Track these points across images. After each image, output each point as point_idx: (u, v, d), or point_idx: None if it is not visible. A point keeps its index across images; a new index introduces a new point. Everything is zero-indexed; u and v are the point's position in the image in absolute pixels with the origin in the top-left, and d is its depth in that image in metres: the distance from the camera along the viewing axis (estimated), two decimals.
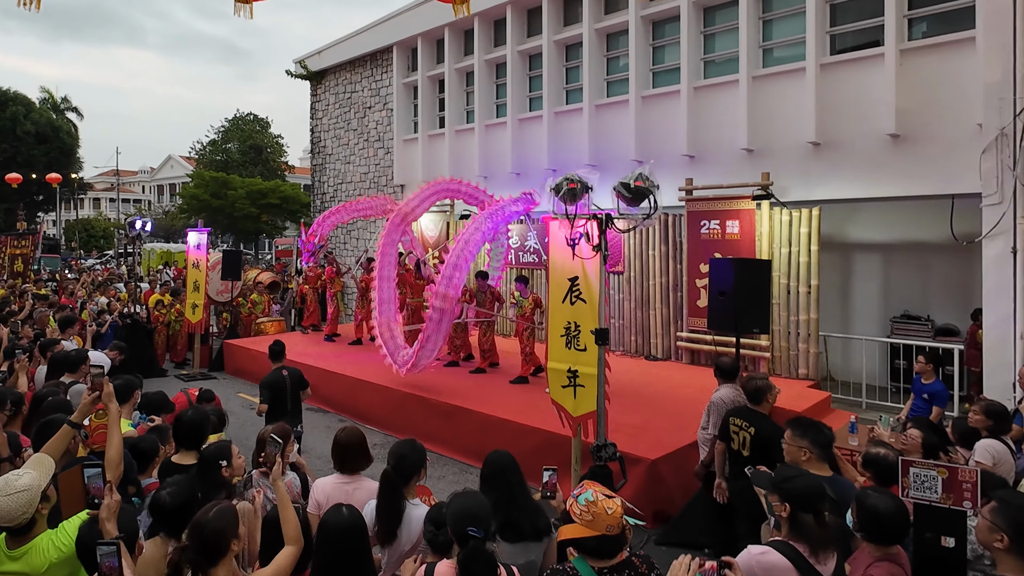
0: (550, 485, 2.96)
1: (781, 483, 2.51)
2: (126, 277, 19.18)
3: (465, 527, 2.30)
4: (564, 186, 4.35)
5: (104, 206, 59.53)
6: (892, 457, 3.11)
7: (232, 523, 2.30)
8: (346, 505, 2.62)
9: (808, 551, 2.34)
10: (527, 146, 12.45)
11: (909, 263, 9.54)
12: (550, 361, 5.44)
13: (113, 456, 2.90)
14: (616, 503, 2.20)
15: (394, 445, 3.14)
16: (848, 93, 8.40)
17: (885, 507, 2.48)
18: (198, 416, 3.42)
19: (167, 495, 2.48)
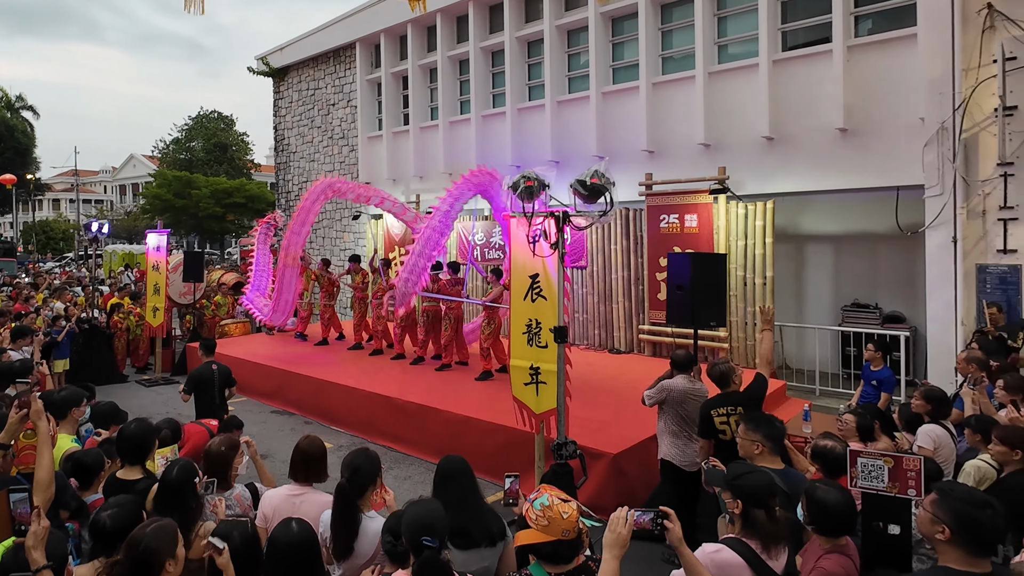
0: (512, 492, 2.92)
1: (733, 480, 2.53)
2: (87, 280, 18.73)
3: (419, 537, 2.27)
4: (521, 184, 4.35)
5: (64, 207, 57.87)
6: (840, 449, 3.17)
7: (170, 542, 2.21)
8: (295, 519, 2.54)
9: (760, 547, 2.37)
10: (491, 142, 12.49)
11: (858, 253, 9.83)
12: (512, 359, 5.45)
13: (43, 478, 2.73)
14: (571, 507, 2.18)
15: (347, 456, 3.06)
16: (799, 88, 8.62)
17: (833, 500, 2.53)
18: (142, 429, 3.27)
19: (108, 517, 2.37)
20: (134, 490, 3.05)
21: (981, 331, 6.36)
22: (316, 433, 8.06)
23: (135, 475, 3.18)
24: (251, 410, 9.39)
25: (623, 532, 2.09)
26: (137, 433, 3.24)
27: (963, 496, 2.19)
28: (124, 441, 3.22)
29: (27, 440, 3.01)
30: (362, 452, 3.05)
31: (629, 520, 2.10)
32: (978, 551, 2.10)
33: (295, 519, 2.52)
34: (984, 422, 3.84)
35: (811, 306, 10.13)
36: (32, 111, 37.52)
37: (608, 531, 2.11)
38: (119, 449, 3.26)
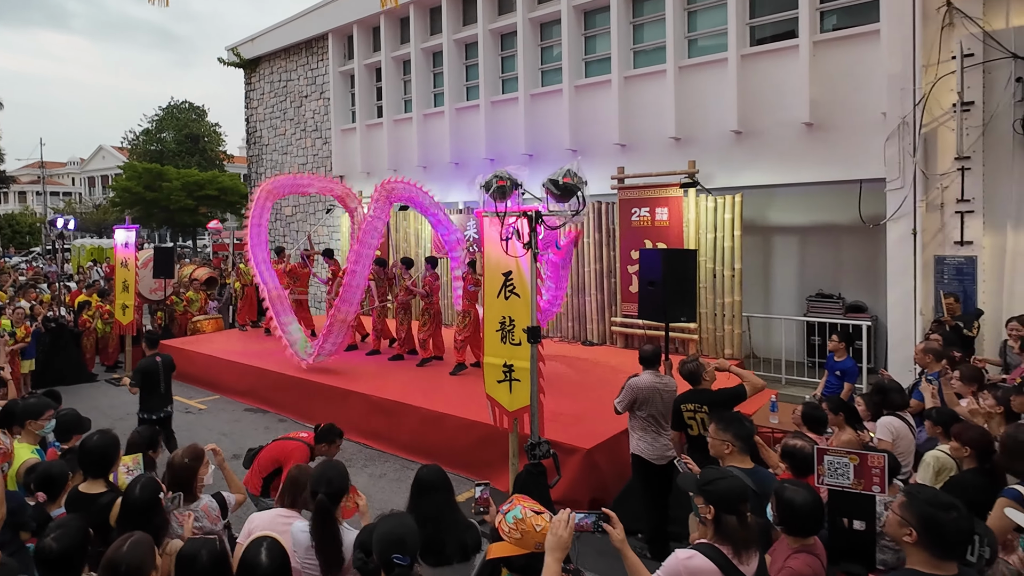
0: (483, 501, 2.85)
1: (705, 485, 2.50)
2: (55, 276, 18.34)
3: (390, 553, 2.21)
4: (493, 183, 4.33)
5: (31, 200, 56.38)
6: (808, 448, 3.24)
7: (149, 555, 2.16)
8: (265, 539, 2.43)
9: (732, 552, 2.36)
10: (465, 135, 12.46)
11: (822, 244, 10.03)
12: (486, 356, 5.47)
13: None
14: (545, 519, 2.13)
15: (317, 468, 2.97)
16: (767, 83, 8.75)
17: (802, 500, 2.56)
18: (105, 441, 3.15)
19: (53, 541, 2.23)
20: (97, 504, 2.97)
21: (939, 321, 6.56)
22: (291, 431, 8.12)
23: (98, 488, 3.10)
24: (224, 408, 9.33)
25: (564, 535, 2.07)
26: (100, 446, 3.14)
27: (929, 499, 2.21)
28: (86, 454, 3.13)
29: None
30: (332, 464, 2.99)
31: (570, 523, 2.08)
32: (944, 553, 2.15)
33: (265, 539, 2.44)
34: (945, 415, 3.94)
35: (777, 296, 10.33)
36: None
37: (550, 534, 2.09)
38: (81, 462, 3.16)
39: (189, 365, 10.81)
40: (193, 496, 3.14)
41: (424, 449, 6.95)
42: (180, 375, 10.91)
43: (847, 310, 9.26)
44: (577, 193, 4.22)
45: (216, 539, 2.40)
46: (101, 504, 2.99)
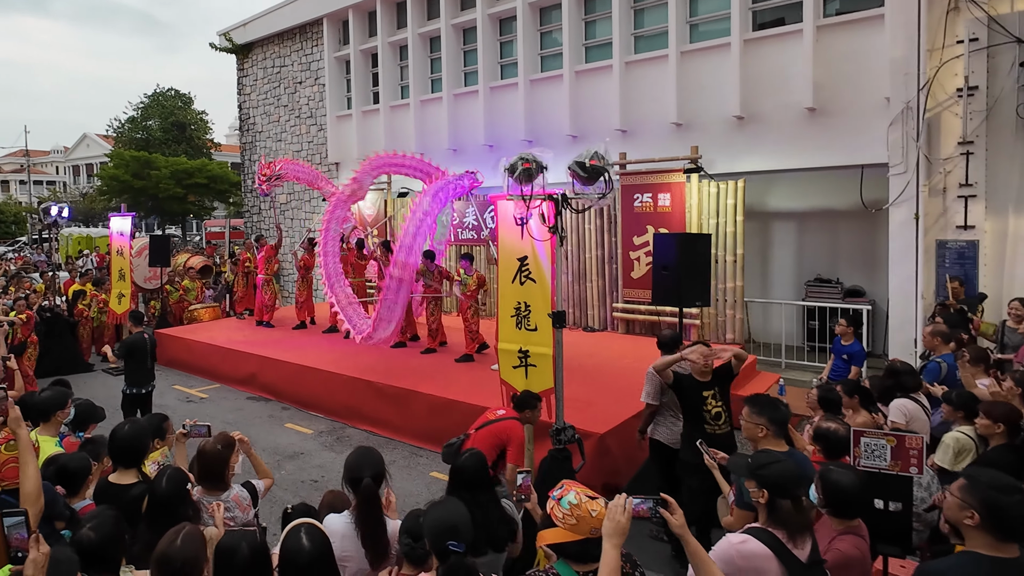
0: (524, 488, 2.80)
1: (758, 470, 2.46)
2: (45, 265, 18.09)
3: (445, 541, 2.19)
4: (519, 166, 4.26)
5: (14, 189, 55.41)
6: (843, 431, 3.24)
7: (202, 548, 2.12)
8: (303, 524, 2.35)
9: (786, 537, 2.33)
10: (463, 122, 12.37)
11: (820, 230, 10.11)
12: (500, 342, 5.43)
13: (30, 490, 2.54)
14: (600, 504, 2.11)
15: (359, 456, 2.88)
16: (769, 68, 8.75)
17: (849, 482, 2.56)
18: (136, 431, 3.08)
19: (91, 530, 2.19)
20: (128, 495, 2.91)
21: (943, 304, 6.63)
22: (294, 419, 8.11)
23: (129, 479, 3.02)
24: (226, 397, 9.27)
25: (622, 520, 2.04)
26: (131, 435, 3.06)
27: (991, 482, 2.19)
28: (117, 444, 3.05)
29: (8, 452, 2.79)
30: (368, 450, 2.92)
31: (628, 508, 2.05)
32: (1006, 536, 2.14)
33: (303, 525, 2.37)
34: (964, 398, 3.98)
35: (776, 282, 10.40)
36: None
37: (607, 520, 2.06)
38: (111, 452, 3.08)
39: (187, 354, 10.74)
40: (225, 485, 3.09)
41: (433, 436, 6.94)
42: (179, 363, 10.91)
43: (845, 295, 9.35)
44: (604, 175, 4.16)
45: (255, 531, 2.35)
46: (133, 496, 2.93)
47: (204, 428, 3.51)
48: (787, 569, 2.30)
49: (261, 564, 2.22)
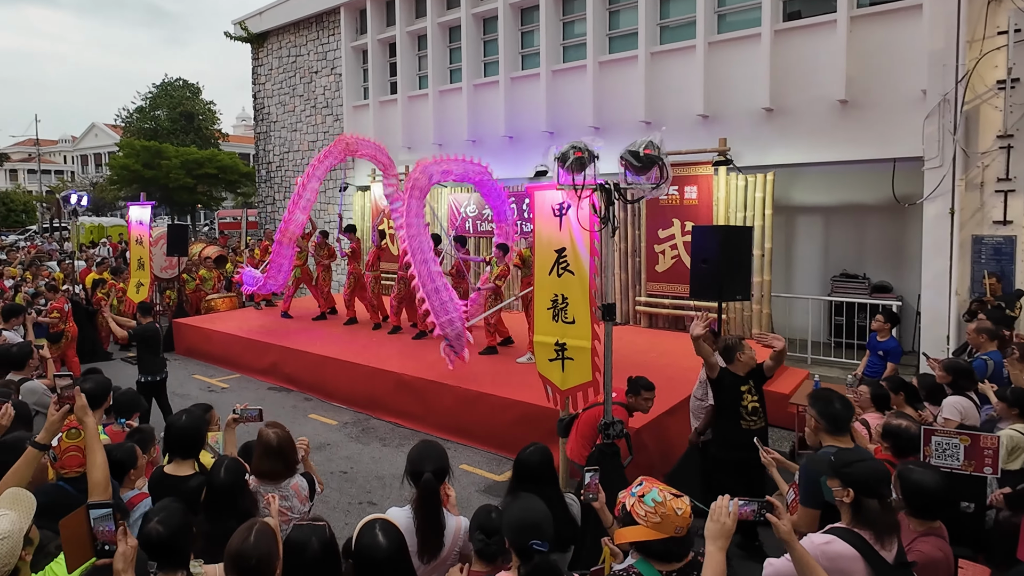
0: (592, 487, 2.75)
1: (843, 467, 2.39)
2: (57, 253, 18.10)
3: (528, 539, 2.15)
4: (571, 155, 4.14)
5: (22, 178, 55.50)
6: (913, 429, 3.16)
7: (275, 544, 2.10)
8: (378, 520, 2.32)
9: (873, 537, 2.27)
10: (483, 113, 12.26)
11: (847, 224, 10.00)
12: (536, 335, 5.36)
13: (99, 480, 2.52)
14: (685, 503, 2.05)
15: (422, 449, 2.84)
16: (800, 59, 8.61)
17: (933, 483, 2.49)
18: (192, 422, 3.05)
19: (160, 523, 2.15)
20: (187, 487, 2.88)
21: (980, 300, 6.53)
22: (317, 410, 8.09)
23: (186, 471, 3.00)
24: (247, 387, 9.25)
25: (727, 522, 2.00)
26: (187, 426, 3.03)
27: None
28: (174, 435, 3.02)
29: (70, 440, 2.74)
30: (431, 443, 2.88)
31: (733, 510, 2.02)
32: None
33: (378, 520, 2.35)
34: (1019, 395, 3.90)
35: (800, 276, 10.31)
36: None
37: (711, 521, 2.02)
38: (168, 443, 3.04)
39: (207, 343, 10.72)
40: (291, 472, 3.06)
41: (459, 428, 6.92)
42: (198, 353, 10.90)
43: (872, 290, 9.25)
44: (659, 165, 4.05)
45: (325, 525, 2.30)
46: (191, 487, 2.90)
47: (255, 412, 3.48)
48: (874, 571, 2.24)
49: (331, 559, 2.20)
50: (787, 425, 6.86)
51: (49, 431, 2.59)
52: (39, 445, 2.56)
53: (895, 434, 3.24)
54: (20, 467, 2.49)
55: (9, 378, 4.48)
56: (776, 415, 6.83)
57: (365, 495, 5.81)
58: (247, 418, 3.48)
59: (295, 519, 2.96)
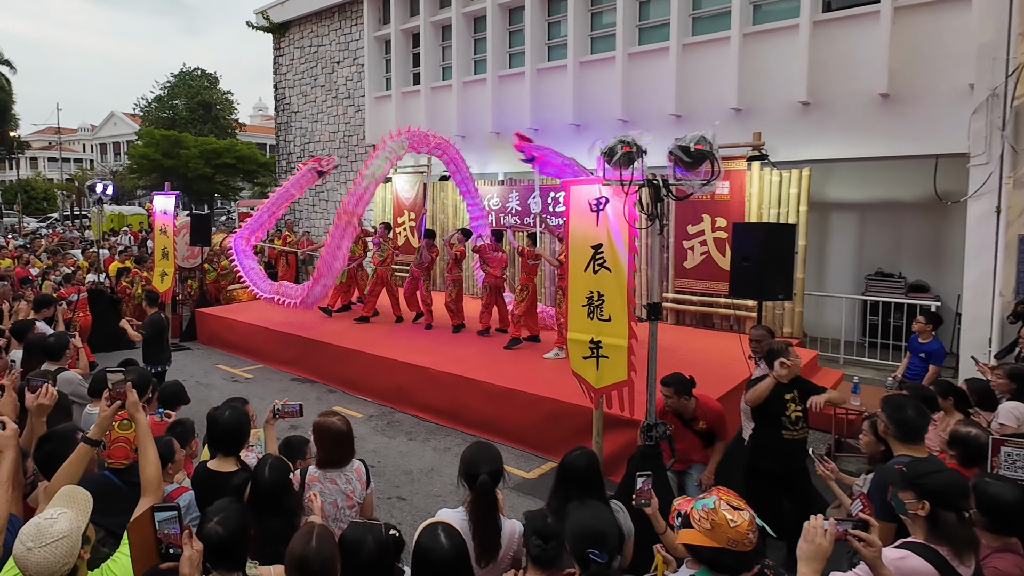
0: (645, 492, 2.69)
1: (917, 479, 2.29)
2: (80, 243, 18.23)
3: (586, 548, 2.11)
4: (618, 150, 4.04)
5: (42, 166, 56.13)
6: (983, 438, 3.03)
7: (335, 546, 2.09)
8: (439, 523, 2.31)
9: (951, 553, 2.18)
10: (508, 104, 12.11)
11: (883, 221, 9.77)
12: (570, 331, 5.26)
13: (152, 477, 2.51)
14: (743, 516, 1.96)
15: (477, 451, 2.79)
16: (840, 52, 8.38)
17: (1011, 496, 2.37)
18: (235, 418, 2.99)
19: (219, 524, 2.13)
20: (230, 484, 2.84)
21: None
22: (342, 402, 8.04)
23: (229, 467, 2.95)
24: (270, 378, 9.22)
25: (824, 544, 1.91)
26: (231, 423, 2.98)
27: None
28: (218, 431, 2.99)
29: (121, 431, 2.75)
30: (486, 444, 2.85)
31: (830, 530, 1.92)
32: None
33: (440, 524, 2.31)
34: None
35: (832, 275, 10.10)
36: (8, 65, 35.94)
37: (804, 541, 1.94)
38: (212, 439, 3.01)
39: (229, 333, 10.71)
40: (349, 459, 3.09)
41: (487, 424, 6.82)
42: (221, 343, 10.90)
43: (909, 290, 9.03)
44: (711, 161, 3.93)
45: (381, 524, 2.27)
46: (235, 485, 2.84)
47: (296, 407, 3.43)
48: None
49: (386, 558, 2.19)
50: (823, 427, 6.71)
51: (101, 426, 2.58)
52: (91, 441, 2.55)
53: (964, 442, 3.09)
54: (73, 463, 2.48)
55: (45, 368, 4.46)
56: (812, 417, 6.67)
57: (394, 489, 5.74)
58: (288, 413, 3.43)
59: (357, 502, 3.01)
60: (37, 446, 2.69)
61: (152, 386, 3.97)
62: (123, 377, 2.59)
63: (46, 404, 2.97)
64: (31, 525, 1.92)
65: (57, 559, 1.85)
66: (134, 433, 2.74)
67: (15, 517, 2.30)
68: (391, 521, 4.31)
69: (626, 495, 3.40)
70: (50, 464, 2.61)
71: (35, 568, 1.83)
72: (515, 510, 5.02)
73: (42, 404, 2.96)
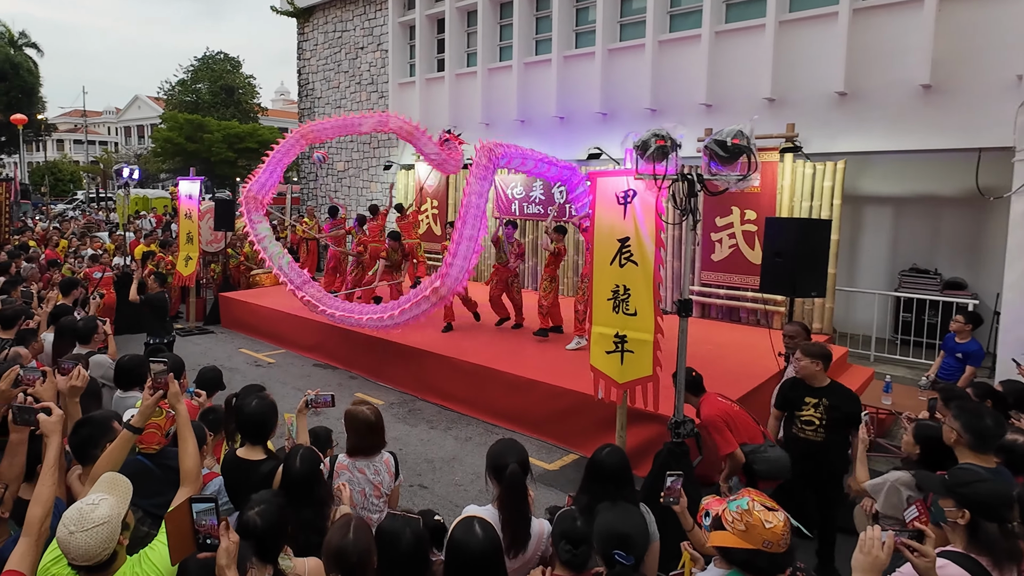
0: (675, 491, 2.68)
1: (959, 487, 2.25)
2: (106, 225, 18.44)
3: (612, 550, 2.12)
4: (652, 143, 3.94)
5: (68, 148, 56.96)
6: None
7: (372, 538, 2.12)
8: (475, 518, 2.30)
9: (991, 564, 2.14)
10: (533, 92, 11.95)
11: (920, 216, 9.50)
12: (595, 325, 5.21)
13: (191, 467, 2.56)
14: (778, 518, 1.95)
15: (504, 445, 2.79)
16: (881, 40, 8.10)
17: None
18: (263, 407, 3.02)
19: (257, 516, 2.18)
20: (259, 472, 2.88)
21: None
22: (363, 390, 8.03)
23: (257, 455, 2.98)
24: (293, 363, 9.26)
25: (881, 556, 1.87)
26: (259, 412, 3.00)
27: None
28: (246, 420, 3.02)
29: (152, 418, 2.79)
30: (512, 442, 2.84)
31: (888, 542, 1.88)
32: None
33: (476, 518, 2.31)
34: None
35: (864, 270, 9.86)
36: (36, 48, 36.40)
37: (860, 553, 1.91)
38: (241, 428, 3.06)
39: (253, 318, 10.78)
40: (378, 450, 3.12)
41: (509, 414, 6.79)
42: (244, 327, 10.97)
43: (944, 287, 8.79)
44: (747, 155, 3.82)
45: (418, 517, 2.27)
46: (263, 473, 2.87)
47: (328, 397, 3.45)
48: None
49: (423, 550, 2.22)
50: None
51: (143, 414, 2.63)
52: (134, 428, 2.60)
53: (1009, 449, 3.00)
54: (115, 449, 2.53)
55: (76, 351, 4.49)
56: None
57: (416, 477, 5.74)
58: (320, 404, 3.42)
59: (385, 494, 3.05)
60: (73, 431, 2.72)
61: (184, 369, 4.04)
62: (165, 367, 2.63)
63: (78, 386, 3.03)
64: (74, 509, 1.97)
65: (98, 543, 1.92)
66: (164, 419, 2.83)
67: (59, 500, 2.35)
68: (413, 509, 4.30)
69: (652, 493, 3.36)
70: (85, 449, 2.65)
71: (76, 551, 1.90)
72: (537, 502, 5.00)
73: (74, 386, 3.02)
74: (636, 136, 4.09)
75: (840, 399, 4.05)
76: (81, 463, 2.71)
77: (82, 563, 1.94)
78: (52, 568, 2.04)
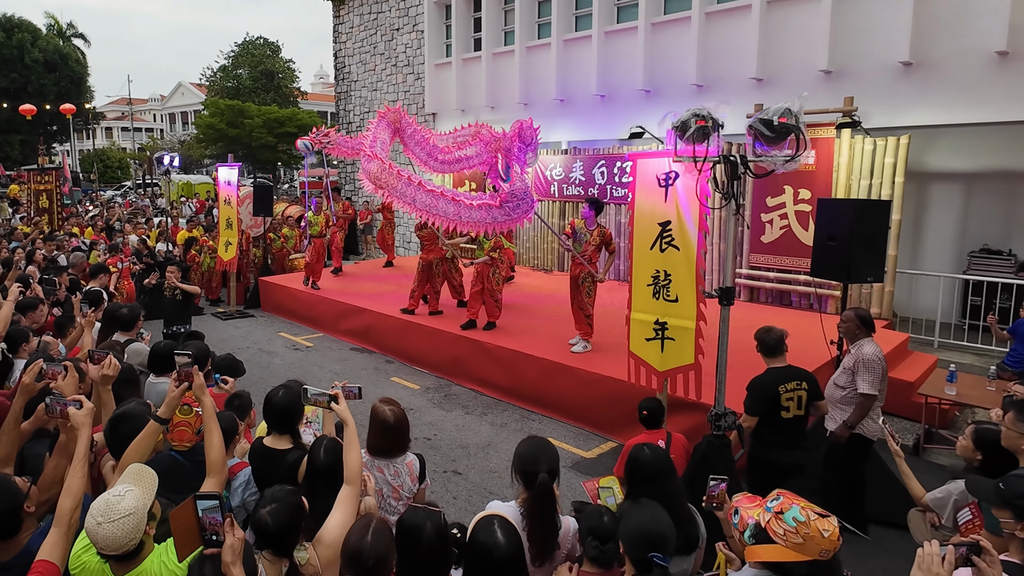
0: (718, 497, 2.56)
1: (1016, 499, 2.09)
2: (150, 211, 18.86)
3: (648, 552, 2.04)
4: (692, 124, 3.71)
5: (116, 135, 58.69)
6: None
7: (392, 541, 2.04)
8: (496, 518, 2.22)
9: None
10: (573, 70, 11.59)
11: (992, 193, 8.86)
12: (633, 311, 5.02)
13: (216, 459, 2.56)
14: (832, 523, 1.89)
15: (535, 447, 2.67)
16: (952, 5, 7.51)
17: None
18: (290, 397, 2.98)
19: (268, 515, 2.14)
20: (285, 462, 2.86)
21: None
22: (399, 373, 7.94)
23: (284, 444, 2.95)
24: (330, 347, 9.25)
25: (942, 573, 1.78)
26: (285, 402, 2.97)
27: None
28: (273, 409, 2.98)
29: (181, 416, 2.79)
30: (544, 443, 2.71)
31: (949, 558, 1.78)
32: None
33: (496, 517, 2.22)
34: None
35: (929, 251, 9.29)
36: (83, 39, 37.42)
37: (918, 569, 1.81)
38: (267, 417, 3.01)
39: (291, 302, 10.82)
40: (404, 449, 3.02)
41: (545, 401, 6.65)
42: (283, 311, 11.03)
43: (1020, 269, 8.21)
44: (796, 135, 3.53)
45: (440, 511, 2.20)
46: (289, 462, 2.85)
47: (355, 389, 3.32)
48: None
49: (444, 545, 2.16)
50: (913, 416, 6.18)
51: (169, 406, 2.64)
52: (161, 420, 2.62)
53: None
54: (142, 441, 2.56)
55: (115, 339, 4.48)
56: (899, 404, 6.17)
57: (450, 463, 5.65)
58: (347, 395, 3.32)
59: (406, 497, 2.96)
60: (111, 428, 2.72)
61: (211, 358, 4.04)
62: (189, 360, 2.62)
63: (109, 375, 3.06)
64: (101, 500, 2.01)
65: (125, 534, 1.96)
66: (194, 418, 2.82)
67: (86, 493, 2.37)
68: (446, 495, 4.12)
69: (691, 487, 3.24)
70: (123, 447, 2.65)
71: (104, 541, 1.95)
72: (572, 489, 4.88)
73: (106, 375, 3.05)
74: (675, 116, 3.84)
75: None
76: (115, 457, 2.71)
77: (110, 552, 1.99)
78: (83, 555, 2.11)
